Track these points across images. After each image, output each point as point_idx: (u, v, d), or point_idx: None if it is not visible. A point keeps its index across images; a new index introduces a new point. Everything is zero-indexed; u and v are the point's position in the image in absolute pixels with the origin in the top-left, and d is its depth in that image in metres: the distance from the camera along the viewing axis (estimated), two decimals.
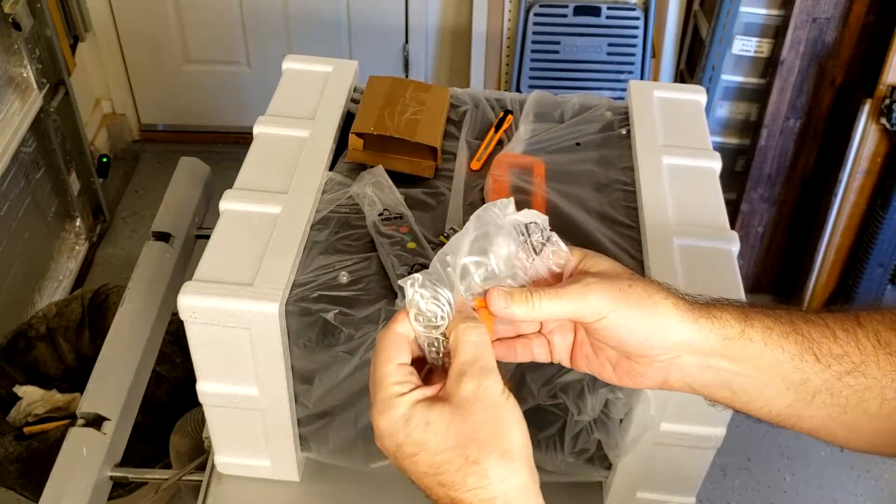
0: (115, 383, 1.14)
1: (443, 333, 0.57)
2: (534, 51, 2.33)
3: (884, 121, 1.95)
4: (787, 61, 2.06)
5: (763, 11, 2.10)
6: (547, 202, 0.99)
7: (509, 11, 2.42)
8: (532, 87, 2.34)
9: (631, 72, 2.34)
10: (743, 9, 2.09)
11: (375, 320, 0.85)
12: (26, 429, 1.66)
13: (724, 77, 2.21)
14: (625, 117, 1.13)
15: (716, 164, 1.04)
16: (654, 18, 2.32)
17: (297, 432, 0.98)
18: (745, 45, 2.15)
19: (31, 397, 1.71)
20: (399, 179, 1.00)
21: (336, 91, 1.12)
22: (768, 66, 2.15)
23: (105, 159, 2.57)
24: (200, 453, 1.11)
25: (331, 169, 1.02)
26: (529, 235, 0.59)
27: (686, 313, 0.58)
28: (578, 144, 1.09)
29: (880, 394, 0.57)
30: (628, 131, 1.10)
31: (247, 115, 1.34)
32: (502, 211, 0.59)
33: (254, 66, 2.73)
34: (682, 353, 0.58)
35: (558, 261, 0.60)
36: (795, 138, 2.16)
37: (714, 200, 1.00)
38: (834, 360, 0.57)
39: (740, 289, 0.89)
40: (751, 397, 0.59)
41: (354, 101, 1.13)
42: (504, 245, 0.58)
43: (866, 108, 1.97)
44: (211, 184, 1.46)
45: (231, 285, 0.85)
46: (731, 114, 2.30)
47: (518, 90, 2.38)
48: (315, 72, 1.15)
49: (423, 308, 0.56)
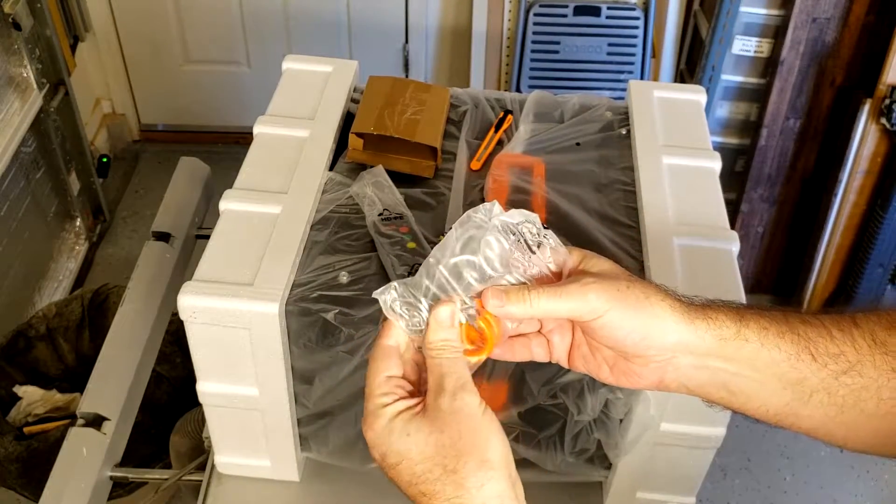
0: (115, 383, 1.14)
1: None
2: (534, 51, 2.33)
3: (884, 121, 1.95)
4: (787, 61, 2.06)
5: (763, 11, 2.10)
6: (547, 202, 0.99)
7: (509, 11, 2.42)
8: (532, 87, 2.34)
9: (631, 72, 2.34)
10: (743, 9, 2.09)
11: (375, 320, 0.84)
12: (26, 429, 1.66)
13: (724, 77, 2.21)
14: (625, 117, 1.13)
15: (716, 164, 1.04)
16: (654, 18, 2.32)
17: (297, 432, 0.98)
18: (745, 45, 2.15)
19: (31, 397, 1.71)
20: (399, 179, 1.00)
21: (336, 91, 1.12)
22: (768, 66, 2.15)
23: (105, 159, 2.57)
24: (200, 453, 1.11)
25: (331, 169, 1.02)
26: (522, 235, 0.59)
27: (682, 314, 0.58)
28: (578, 144, 1.08)
29: (877, 393, 0.57)
30: (628, 131, 1.10)
31: (247, 115, 1.34)
32: (487, 214, 0.59)
33: (254, 66, 2.73)
34: (677, 353, 0.58)
35: (557, 258, 0.60)
36: (795, 138, 2.16)
37: (714, 200, 1.00)
38: (830, 360, 0.57)
39: (740, 289, 0.89)
40: (748, 397, 0.59)
41: (354, 101, 1.13)
42: (495, 243, 0.58)
43: (866, 108, 1.97)
44: (211, 184, 1.46)
45: (231, 285, 0.85)
46: (731, 114, 2.30)
47: (518, 90, 2.38)
48: (315, 72, 1.15)
49: (407, 316, 0.57)
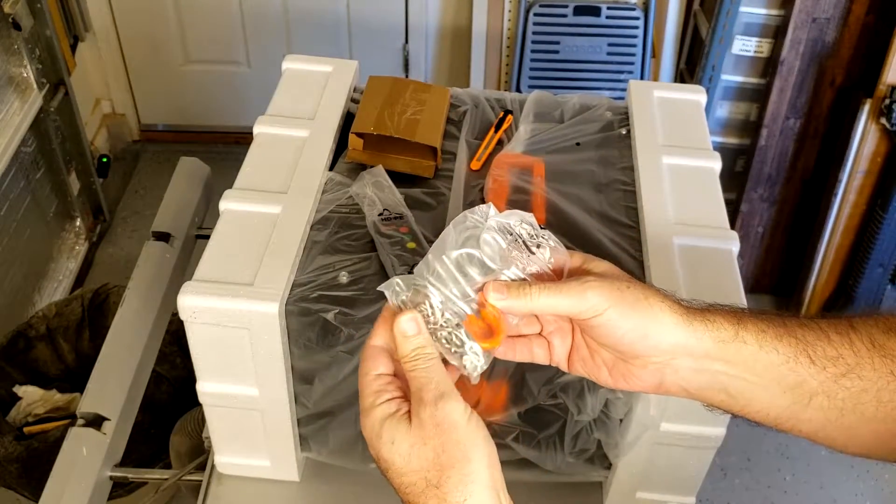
0: (115, 383, 1.14)
1: (457, 324, 0.58)
2: (534, 51, 2.33)
3: (884, 121, 1.95)
4: (787, 61, 2.06)
5: (763, 11, 2.10)
6: (547, 202, 0.99)
7: (509, 11, 2.42)
8: (532, 87, 2.34)
9: (631, 72, 2.34)
10: (743, 9, 2.09)
11: (375, 320, 0.84)
12: (26, 429, 1.65)
13: (724, 77, 2.21)
14: (625, 117, 1.13)
15: (716, 164, 1.04)
16: (654, 18, 2.32)
17: (297, 432, 0.98)
18: (745, 45, 2.15)
19: (31, 397, 1.71)
20: (399, 179, 1.00)
21: (336, 91, 1.12)
22: (768, 66, 2.15)
23: (105, 159, 2.57)
24: (200, 453, 1.11)
25: (331, 169, 1.02)
26: (520, 235, 0.60)
27: (680, 316, 0.58)
28: (578, 144, 1.08)
29: (876, 396, 0.57)
30: (628, 131, 1.10)
31: (247, 115, 1.34)
32: (483, 216, 0.60)
33: (254, 66, 2.73)
34: (676, 355, 0.58)
35: (557, 257, 0.60)
36: (795, 138, 2.16)
37: (714, 200, 1.00)
38: (829, 363, 0.57)
39: (740, 289, 0.89)
40: (748, 401, 0.60)
41: (354, 101, 1.13)
42: (492, 241, 0.59)
43: (866, 108, 1.97)
44: (211, 184, 1.46)
45: (231, 285, 0.85)
46: (731, 114, 2.30)
47: (518, 90, 2.38)
48: (315, 72, 1.15)
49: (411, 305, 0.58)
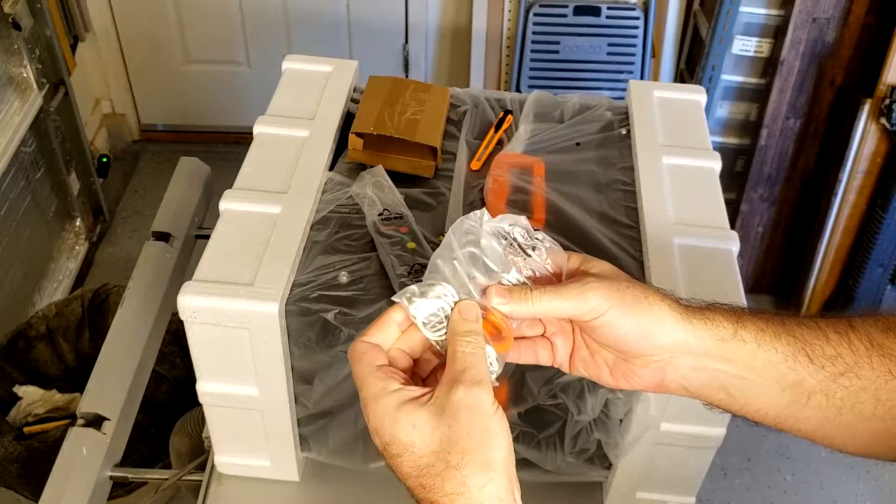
0: (115, 383, 1.14)
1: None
2: (534, 51, 2.33)
3: (884, 121, 1.95)
4: (787, 61, 2.06)
5: (763, 11, 2.10)
6: (547, 202, 0.99)
7: (509, 11, 2.42)
8: (532, 87, 2.34)
9: (631, 72, 2.34)
10: (743, 9, 2.09)
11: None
12: (26, 429, 1.65)
13: (724, 77, 2.21)
14: (625, 117, 1.13)
15: (716, 164, 1.04)
16: (654, 18, 2.32)
17: (297, 432, 0.98)
18: (745, 45, 2.15)
19: (31, 397, 1.71)
20: (399, 179, 1.00)
21: (336, 91, 1.12)
22: (768, 66, 2.15)
23: (105, 159, 2.56)
24: (200, 453, 1.11)
25: (331, 169, 1.02)
26: (515, 239, 0.60)
27: (680, 314, 0.58)
28: (578, 144, 1.08)
29: (874, 395, 0.57)
30: (628, 131, 1.10)
31: (247, 115, 1.34)
32: (478, 221, 0.60)
33: (254, 66, 2.73)
34: (676, 354, 0.58)
35: (555, 258, 0.61)
36: (795, 138, 2.16)
37: (714, 200, 1.00)
38: (827, 362, 0.58)
39: (740, 289, 0.89)
40: (747, 400, 0.60)
41: (354, 101, 1.13)
42: (488, 246, 0.59)
43: (866, 108, 1.97)
44: (211, 184, 1.46)
45: (231, 285, 0.85)
46: (731, 114, 2.30)
47: (518, 90, 2.38)
48: (315, 72, 1.15)
49: (428, 311, 0.57)
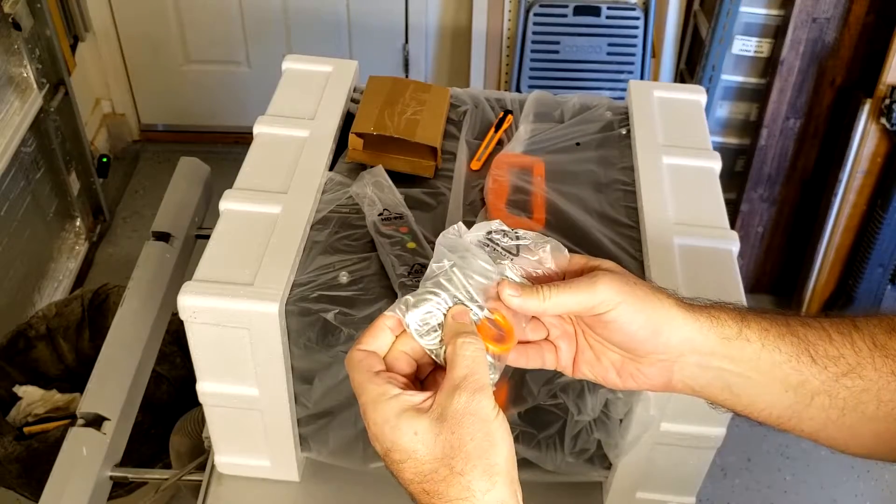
0: (115, 383, 1.14)
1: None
2: (534, 51, 2.33)
3: (884, 121, 1.95)
4: (787, 61, 2.06)
5: (763, 11, 2.10)
6: (547, 202, 0.99)
7: (509, 11, 2.41)
8: (532, 87, 2.34)
9: (631, 72, 2.34)
10: (743, 9, 2.09)
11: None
12: (26, 429, 1.65)
13: (724, 77, 2.21)
14: (625, 117, 1.13)
15: (716, 164, 1.04)
16: (654, 18, 2.31)
17: (297, 432, 0.98)
18: (745, 45, 2.15)
19: (31, 397, 1.71)
20: (399, 179, 1.00)
21: (336, 91, 1.12)
22: (768, 66, 2.15)
23: (105, 159, 2.56)
24: (200, 453, 1.11)
25: (331, 169, 1.02)
26: (496, 244, 0.60)
27: (687, 312, 0.58)
28: (578, 144, 1.08)
29: (877, 396, 0.58)
30: (628, 131, 1.10)
31: (247, 115, 1.34)
32: (457, 234, 0.60)
33: (254, 66, 2.73)
34: (684, 352, 0.59)
35: (541, 253, 0.61)
36: (795, 138, 2.16)
37: (714, 200, 1.00)
38: (830, 362, 0.58)
39: (740, 288, 0.89)
40: (751, 399, 0.60)
41: (354, 101, 1.13)
42: (474, 259, 0.59)
43: (866, 108, 1.97)
44: (211, 184, 1.46)
45: (231, 285, 0.85)
46: (731, 114, 2.30)
47: (518, 90, 2.38)
48: (315, 72, 1.15)
49: (420, 319, 0.57)
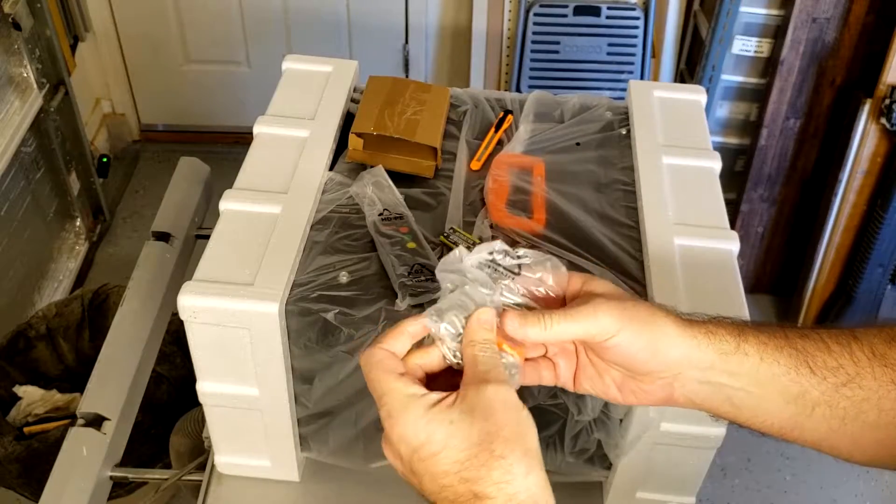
0: (115, 383, 1.14)
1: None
2: (534, 51, 2.33)
3: (884, 121, 1.95)
4: (787, 61, 2.06)
5: (763, 11, 2.10)
6: (547, 202, 0.99)
7: (509, 11, 2.42)
8: (532, 87, 2.34)
9: (631, 72, 2.34)
10: (743, 9, 2.09)
11: (375, 320, 0.85)
12: (26, 429, 1.65)
13: (724, 77, 2.21)
14: (625, 117, 1.13)
15: (716, 164, 1.04)
16: (654, 18, 2.32)
17: (297, 432, 0.98)
18: (745, 45, 2.15)
19: (31, 397, 1.71)
20: (399, 179, 1.00)
21: (336, 91, 1.12)
22: (768, 66, 2.15)
23: (105, 159, 2.56)
24: (200, 453, 1.11)
25: (331, 169, 1.02)
26: (498, 265, 0.61)
27: (684, 329, 0.59)
28: (578, 144, 1.08)
29: (877, 405, 0.58)
30: (628, 131, 1.10)
31: (247, 115, 1.34)
32: (458, 260, 0.61)
33: (254, 66, 2.73)
34: (683, 368, 0.59)
35: (542, 272, 0.61)
36: (795, 138, 2.16)
37: (714, 200, 1.00)
38: (829, 373, 0.58)
39: (740, 289, 0.89)
40: (753, 412, 0.60)
41: (354, 101, 1.13)
42: (479, 277, 0.60)
43: (866, 108, 1.97)
44: (211, 184, 1.46)
45: (231, 285, 0.85)
46: (731, 114, 2.30)
47: (518, 90, 2.38)
48: (315, 72, 1.15)
49: (445, 325, 0.58)
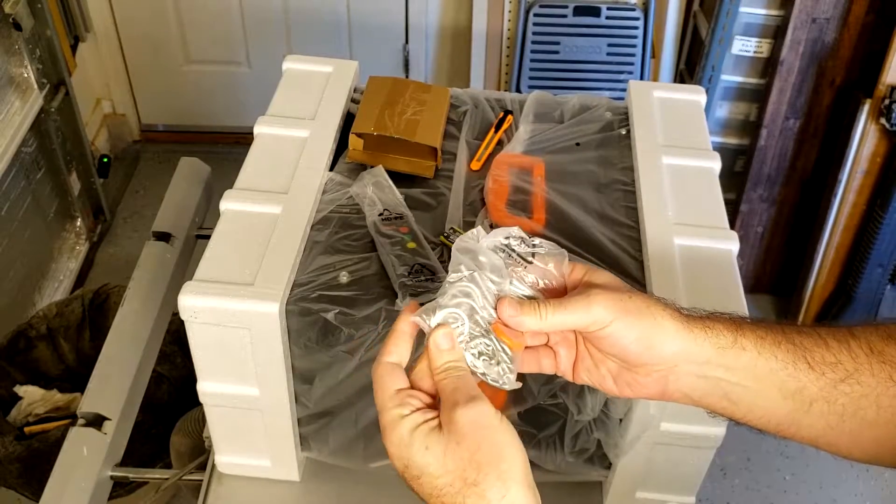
0: (115, 383, 1.14)
1: (486, 331, 0.59)
2: (534, 51, 2.33)
3: (883, 121, 1.95)
4: (786, 61, 2.06)
5: (763, 11, 2.10)
6: (547, 202, 0.99)
7: (509, 11, 2.42)
8: (532, 87, 2.34)
9: (631, 72, 2.34)
10: (743, 9, 2.09)
11: (375, 320, 0.85)
12: (27, 429, 1.65)
13: (724, 77, 2.21)
14: (624, 117, 1.13)
15: (715, 164, 1.04)
16: (654, 18, 2.32)
17: (297, 432, 0.98)
18: (745, 46, 2.15)
19: (32, 397, 1.71)
20: (399, 179, 1.00)
21: (336, 91, 1.12)
22: (768, 66, 2.15)
23: (105, 159, 2.57)
24: (201, 453, 1.11)
25: (331, 169, 1.02)
26: (512, 250, 0.61)
27: (682, 324, 0.59)
28: (578, 144, 1.09)
29: (875, 401, 0.58)
30: (628, 131, 1.10)
31: (247, 115, 1.34)
32: (475, 239, 0.61)
33: (254, 66, 2.73)
34: (679, 362, 0.59)
35: (554, 261, 0.61)
36: (795, 138, 2.16)
37: (714, 200, 1.00)
38: (828, 368, 0.58)
39: (740, 289, 0.89)
40: (749, 407, 0.60)
41: (354, 101, 1.13)
42: (487, 262, 0.59)
43: (866, 108, 1.97)
44: (211, 184, 1.46)
45: (231, 285, 0.85)
46: (731, 114, 2.30)
47: (518, 90, 2.38)
48: (315, 72, 1.16)
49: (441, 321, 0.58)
